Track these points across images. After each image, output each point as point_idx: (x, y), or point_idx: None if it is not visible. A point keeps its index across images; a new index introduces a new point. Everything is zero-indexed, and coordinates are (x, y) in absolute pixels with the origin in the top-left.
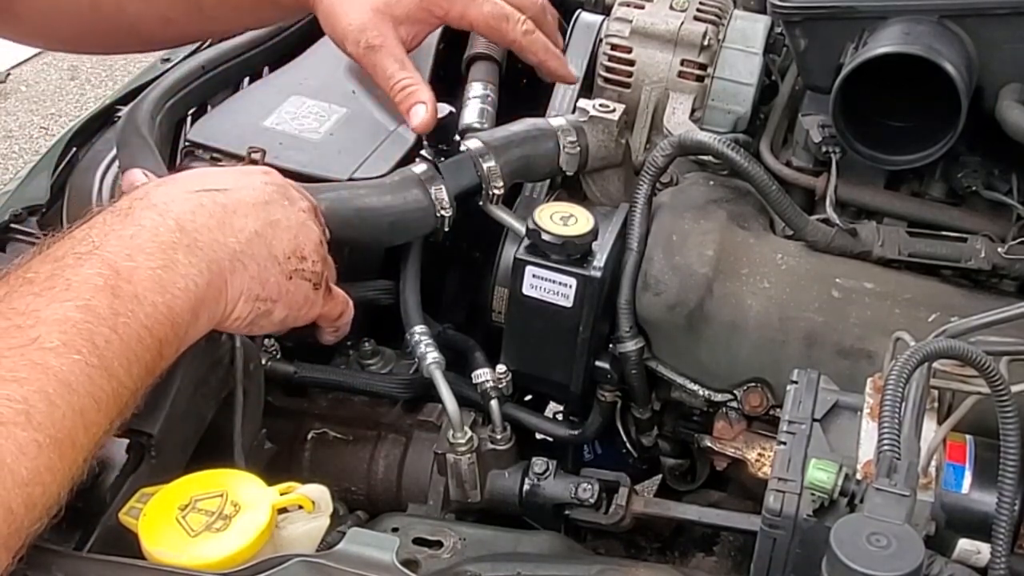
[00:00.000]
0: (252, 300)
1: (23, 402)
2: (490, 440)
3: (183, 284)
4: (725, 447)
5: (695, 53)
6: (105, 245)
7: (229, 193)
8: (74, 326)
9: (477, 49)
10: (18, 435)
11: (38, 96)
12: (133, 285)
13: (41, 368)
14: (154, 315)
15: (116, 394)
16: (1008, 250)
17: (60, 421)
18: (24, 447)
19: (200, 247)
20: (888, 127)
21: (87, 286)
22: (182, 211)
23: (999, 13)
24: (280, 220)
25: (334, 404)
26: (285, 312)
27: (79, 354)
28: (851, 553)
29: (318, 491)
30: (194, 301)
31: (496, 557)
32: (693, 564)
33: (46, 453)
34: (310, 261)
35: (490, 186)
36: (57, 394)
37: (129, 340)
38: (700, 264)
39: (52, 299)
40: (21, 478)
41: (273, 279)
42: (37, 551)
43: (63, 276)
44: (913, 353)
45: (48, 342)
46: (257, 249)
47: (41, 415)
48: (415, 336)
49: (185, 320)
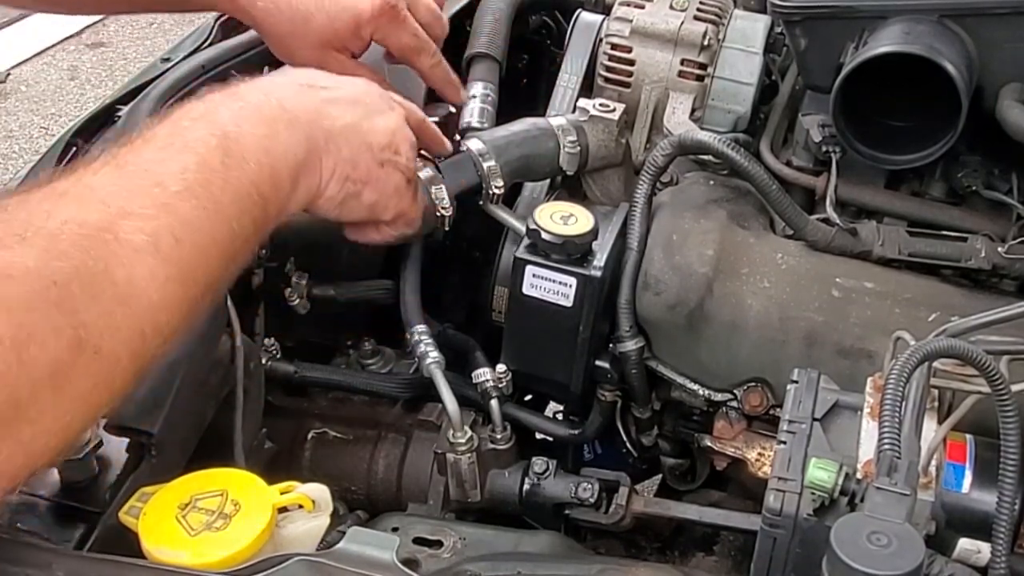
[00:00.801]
0: (343, 180)
1: (152, 235)
2: (490, 440)
3: (283, 151)
4: (725, 447)
5: (695, 53)
6: (215, 113)
7: (331, 90)
8: (193, 175)
9: (477, 49)
10: (150, 262)
11: (38, 96)
12: (241, 147)
13: (167, 208)
14: (260, 174)
15: (230, 239)
16: (1008, 250)
17: (184, 256)
18: (155, 274)
19: (299, 124)
20: (888, 127)
21: (201, 143)
22: (285, 95)
23: (999, 13)
24: (377, 118)
25: (334, 404)
26: (375, 196)
27: (198, 199)
28: (852, 552)
29: (318, 491)
30: (293, 168)
31: (496, 557)
32: (693, 564)
33: (173, 283)
34: (404, 157)
35: (490, 186)
36: (182, 231)
37: (239, 192)
38: (700, 264)
39: (173, 153)
40: (152, 302)
41: (364, 163)
42: (37, 551)
43: (180, 135)
44: (913, 352)
45: (172, 186)
46: (352, 136)
47: (168, 248)
48: (415, 336)
49: (286, 186)
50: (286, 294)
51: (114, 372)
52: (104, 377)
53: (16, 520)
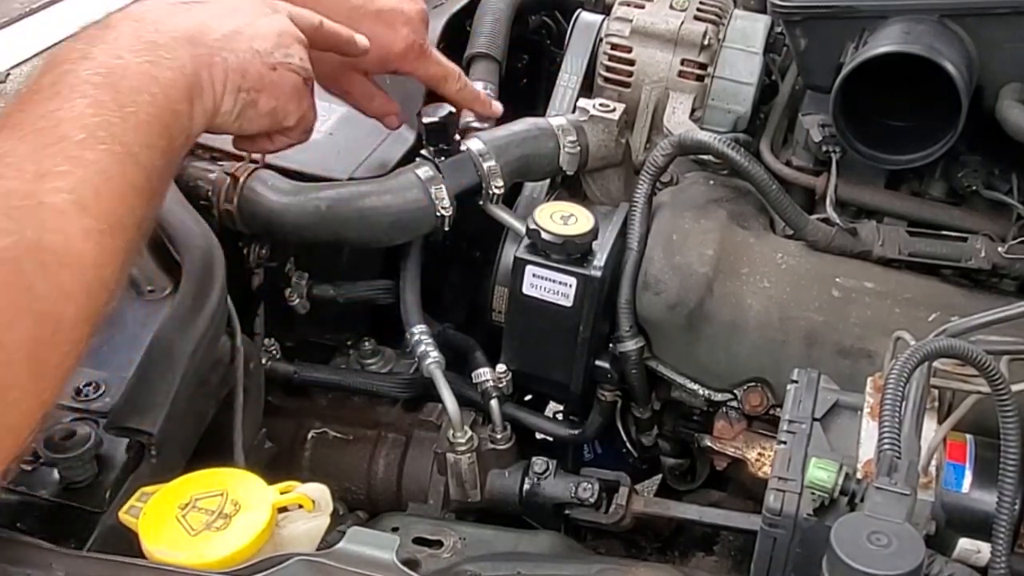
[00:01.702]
0: (236, 90)
1: (73, 192)
2: (490, 440)
3: (171, 75)
4: (725, 447)
5: (695, 53)
6: (93, 51)
7: (207, 5)
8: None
9: (477, 49)
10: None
11: None
12: (128, 79)
13: (77, 160)
14: (154, 103)
15: (146, 178)
16: (1008, 249)
17: (108, 207)
18: (88, 232)
19: (179, 43)
20: (888, 127)
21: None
22: (158, 16)
23: (999, 13)
24: (260, 22)
25: (334, 404)
26: (273, 102)
27: (104, 144)
28: (852, 552)
29: (318, 490)
30: (184, 89)
31: (496, 557)
32: (693, 564)
33: (104, 238)
34: (296, 56)
35: (490, 186)
36: (99, 181)
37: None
38: (700, 264)
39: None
40: (92, 260)
41: (255, 69)
42: (37, 550)
43: (65, 81)
44: (913, 352)
45: (75, 136)
46: (236, 44)
47: (91, 202)
48: (415, 336)
49: (183, 109)
50: (286, 294)
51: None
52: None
53: (16, 520)
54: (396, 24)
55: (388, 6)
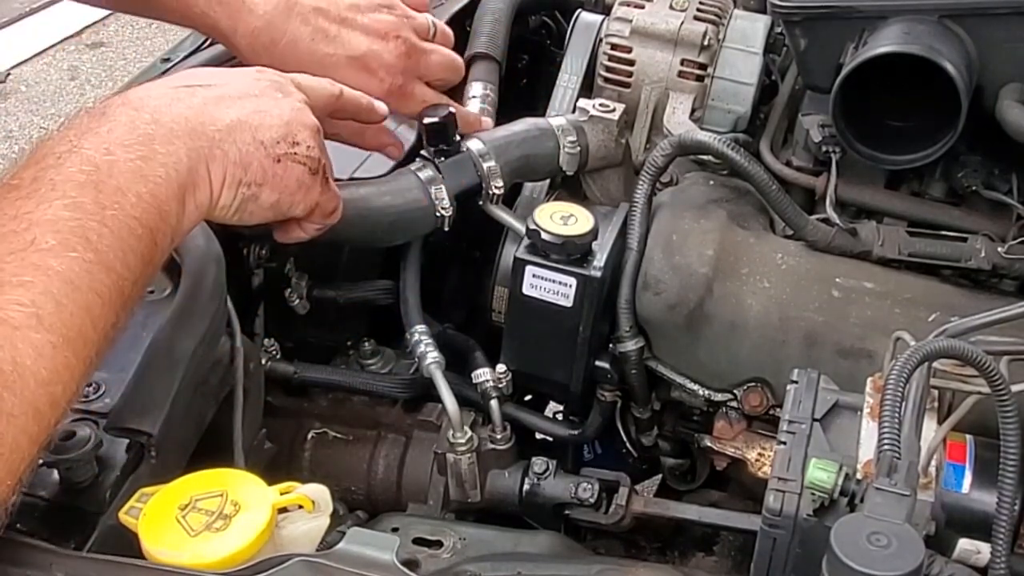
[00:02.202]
0: (235, 185)
1: (32, 305)
2: (490, 440)
3: (164, 172)
4: (725, 447)
5: (695, 53)
6: (83, 143)
7: (213, 88)
8: (66, 224)
9: (477, 49)
10: (33, 337)
11: (38, 96)
12: (115, 178)
13: (42, 270)
14: (140, 205)
15: (117, 287)
16: (1008, 250)
17: (69, 320)
18: (40, 349)
19: (177, 135)
20: (888, 127)
21: (71, 184)
22: (157, 105)
23: (999, 13)
24: (268, 109)
25: (334, 404)
26: (275, 196)
27: (75, 251)
28: (851, 553)
29: (318, 491)
30: (177, 188)
31: (496, 557)
32: (693, 564)
33: (61, 352)
34: (304, 146)
35: (490, 186)
36: (62, 294)
37: (120, 232)
38: (700, 264)
39: (40, 200)
40: (42, 378)
41: (257, 163)
42: (37, 551)
43: (46, 177)
44: (913, 353)
45: (44, 243)
46: (239, 135)
47: (51, 316)
48: (415, 336)
49: (173, 208)
50: (286, 294)
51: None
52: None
53: (16, 520)
54: (372, 69)
55: (361, 51)
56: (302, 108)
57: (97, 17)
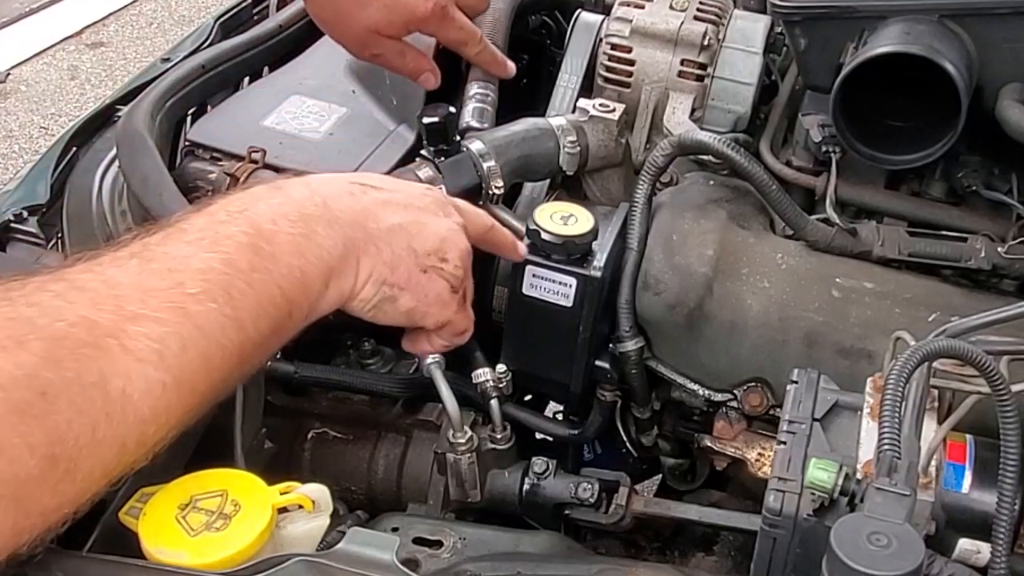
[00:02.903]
0: (379, 283)
1: (160, 342)
2: (490, 440)
3: (318, 252)
4: (725, 447)
5: (695, 53)
6: (254, 208)
7: (383, 192)
8: (215, 275)
9: None
10: (149, 374)
11: (38, 96)
12: (273, 246)
13: (181, 312)
14: (288, 276)
15: (241, 345)
16: (1008, 250)
17: (187, 365)
18: (151, 386)
19: (339, 223)
20: (888, 127)
21: (231, 242)
22: (332, 192)
23: (999, 13)
24: (428, 223)
25: (334, 404)
26: (413, 303)
27: (215, 302)
28: (851, 552)
29: (318, 491)
30: (326, 270)
31: (496, 557)
32: (693, 564)
33: (168, 394)
34: (451, 264)
35: (490, 186)
36: (190, 338)
37: (261, 295)
38: (700, 264)
39: (200, 249)
40: (142, 415)
41: (404, 268)
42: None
43: (213, 230)
44: (913, 352)
45: (190, 288)
46: (396, 238)
47: (172, 357)
48: None
49: (316, 287)
50: None
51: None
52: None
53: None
54: None
55: None
56: (458, 230)
57: (97, 17)
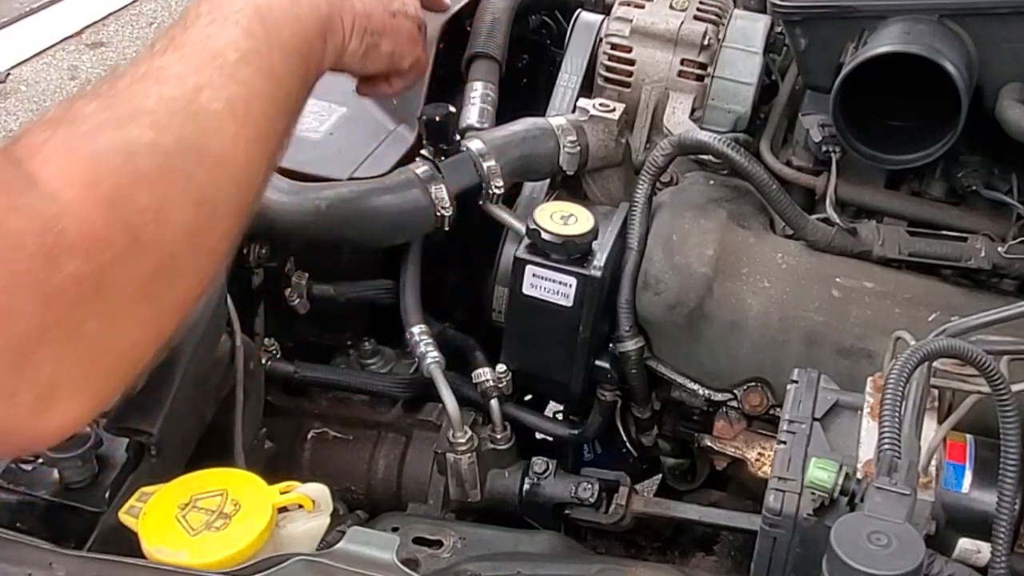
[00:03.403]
0: (362, 32)
1: (228, 102)
2: (490, 440)
3: (310, 15)
4: (725, 447)
5: (695, 53)
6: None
7: None
8: (242, 44)
9: (477, 48)
10: (232, 128)
11: (38, 96)
12: (274, 15)
13: (232, 78)
14: (295, 38)
15: (286, 99)
16: (1008, 249)
17: (257, 119)
18: (238, 138)
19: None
20: (888, 127)
21: (242, 15)
22: None
23: (999, 13)
24: None
25: (334, 404)
26: (392, 46)
27: (254, 66)
28: (851, 552)
29: (318, 490)
30: (321, 27)
31: (496, 557)
32: (693, 564)
33: (254, 145)
34: (411, 7)
35: (490, 186)
36: (249, 96)
37: (284, 55)
38: (700, 263)
39: (219, 27)
40: (243, 162)
41: (378, 15)
42: (37, 550)
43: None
44: (913, 352)
45: (231, 57)
46: None
47: (243, 113)
48: (415, 336)
49: (317, 45)
50: (286, 294)
51: (228, 226)
52: (223, 232)
53: (16, 520)
54: None
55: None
56: None
57: (97, 17)
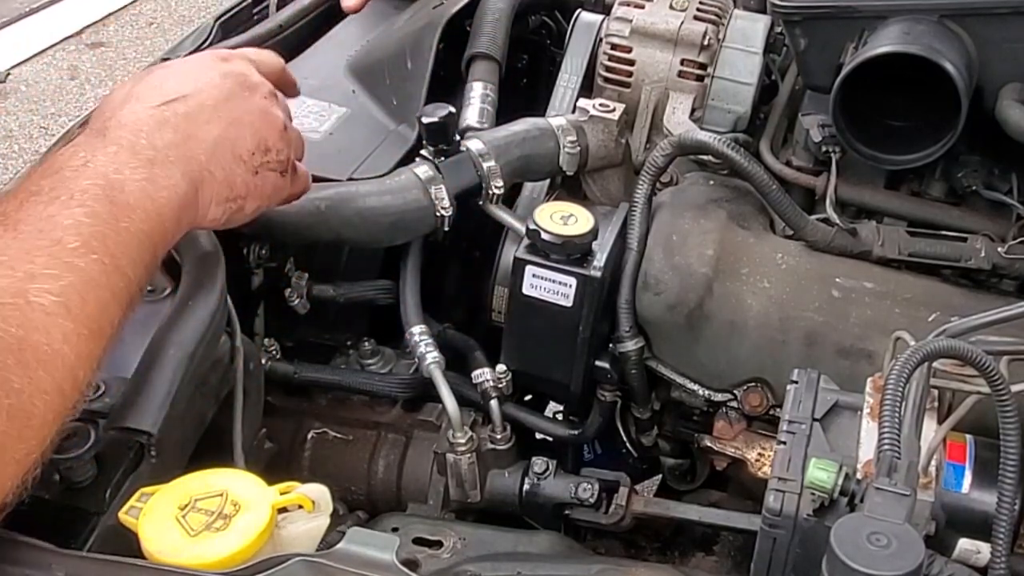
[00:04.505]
0: (223, 202)
1: (61, 296)
2: (490, 440)
3: (166, 195)
4: (725, 447)
5: (695, 53)
6: (94, 160)
7: (189, 99)
8: (87, 228)
9: (477, 49)
10: (62, 324)
11: (38, 96)
12: (125, 195)
13: (69, 266)
14: (147, 219)
15: (127, 289)
16: (1008, 250)
17: (91, 313)
18: (67, 335)
19: (172, 162)
20: (888, 127)
21: (88, 195)
22: (149, 128)
23: (999, 13)
24: (241, 117)
25: (334, 404)
26: (256, 204)
27: (96, 253)
28: (851, 552)
29: (318, 491)
30: (176, 209)
31: (496, 557)
32: (693, 564)
33: (84, 341)
34: (274, 151)
35: (490, 186)
36: (85, 288)
37: (130, 241)
38: (700, 264)
39: (61, 207)
40: (70, 362)
41: (240, 179)
42: (37, 551)
43: (65, 187)
44: (913, 352)
45: (69, 243)
46: (221, 155)
47: (77, 307)
48: (415, 336)
49: (171, 226)
50: (286, 294)
51: (43, 433)
52: (36, 441)
53: (16, 520)
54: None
55: None
56: (266, 106)
57: (97, 17)
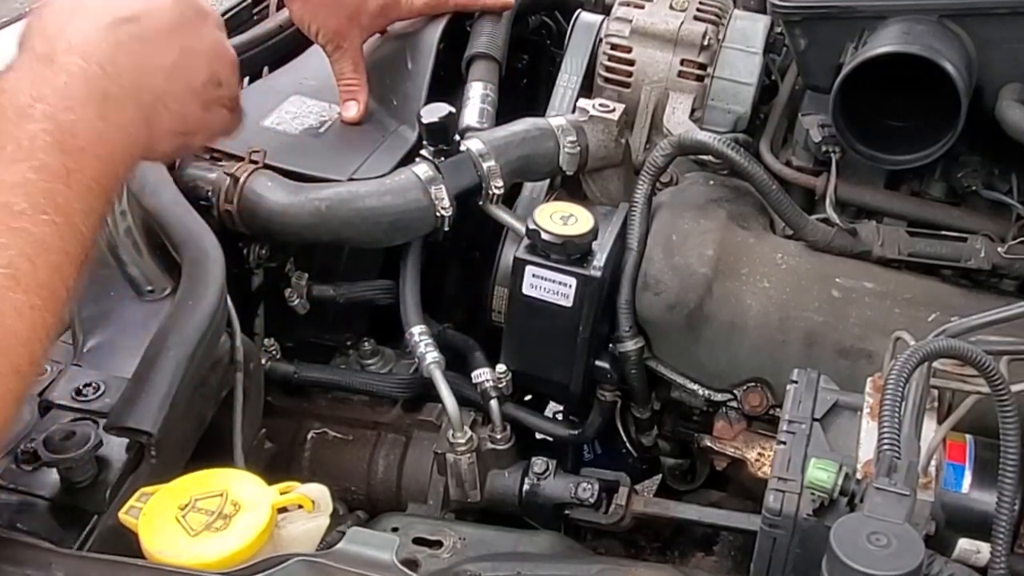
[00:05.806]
0: (175, 136)
1: (9, 267)
2: (490, 440)
3: (119, 135)
4: (725, 447)
5: (695, 53)
6: (42, 97)
7: (141, 21)
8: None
9: (477, 49)
10: (12, 298)
11: None
12: (77, 139)
13: (17, 232)
14: (99, 167)
15: (82, 246)
16: (1008, 250)
17: (43, 279)
18: (20, 309)
19: (128, 95)
20: (888, 127)
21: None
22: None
23: (999, 13)
24: (194, 45)
25: (334, 404)
26: (203, 138)
27: (46, 214)
28: (851, 552)
29: (318, 491)
30: (130, 148)
31: (496, 557)
32: (693, 564)
33: (37, 312)
34: (226, 86)
35: (490, 186)
36: (36, 255)
37: (82, 193)
38: (700, 264)
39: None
40: (23, 337)
41: (191, 113)
42: (37, 551)
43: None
44: (913, 352)
45: (16, 206)
46: (176, 85)
47: (27, 277)
48: (415, 336)
49: (124, 167)
50: (286, 294)
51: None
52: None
53: (16, 520)
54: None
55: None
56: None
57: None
